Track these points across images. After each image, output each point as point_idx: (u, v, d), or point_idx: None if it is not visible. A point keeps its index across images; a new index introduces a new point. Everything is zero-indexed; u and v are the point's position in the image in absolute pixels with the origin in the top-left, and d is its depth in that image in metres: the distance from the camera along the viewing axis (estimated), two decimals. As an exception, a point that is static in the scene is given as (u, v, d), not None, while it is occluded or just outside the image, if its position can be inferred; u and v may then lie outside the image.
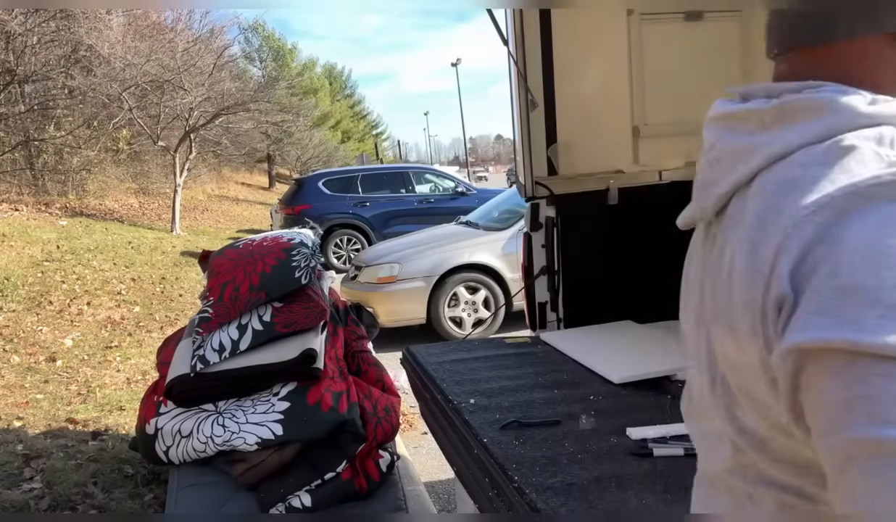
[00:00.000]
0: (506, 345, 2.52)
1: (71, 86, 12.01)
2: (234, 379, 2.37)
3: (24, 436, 3.44)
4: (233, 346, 2.37)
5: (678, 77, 3.03)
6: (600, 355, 2.21)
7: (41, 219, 10.33)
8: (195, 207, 16.25)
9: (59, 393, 4.26)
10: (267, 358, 2.37)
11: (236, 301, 2.41)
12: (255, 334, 2.38)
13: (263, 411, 2.33)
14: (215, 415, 2.36)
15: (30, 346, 5.17)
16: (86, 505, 2.71)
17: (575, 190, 2.76)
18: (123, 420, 3.74)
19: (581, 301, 2.75)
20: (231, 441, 2.30)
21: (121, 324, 6.01)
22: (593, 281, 2.77)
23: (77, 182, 12.60)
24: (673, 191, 2.82)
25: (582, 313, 2.73)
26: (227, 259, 2.55)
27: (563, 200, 2.72)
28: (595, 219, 2.75)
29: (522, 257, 2.81)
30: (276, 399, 2.36)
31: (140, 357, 5.09)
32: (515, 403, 1.90)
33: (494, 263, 5.93)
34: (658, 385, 2.00)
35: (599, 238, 2.77)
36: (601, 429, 1.68)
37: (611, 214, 2.77)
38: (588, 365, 2.17)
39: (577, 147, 2.91)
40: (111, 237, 10.09)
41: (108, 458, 3.14)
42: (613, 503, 1.32)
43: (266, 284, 2.41)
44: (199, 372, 2.34)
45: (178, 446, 2.36)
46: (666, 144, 3.03)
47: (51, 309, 6.15)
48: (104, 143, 12.76)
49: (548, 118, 2.87)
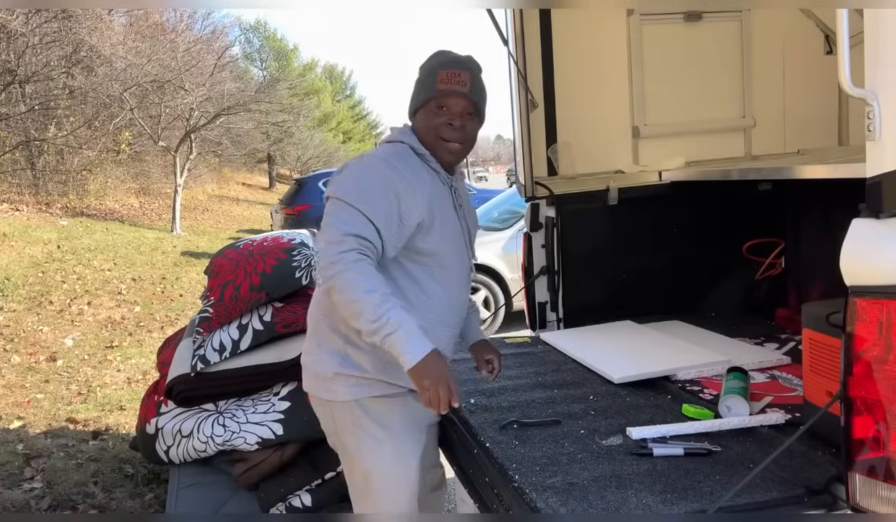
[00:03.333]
0: (506, 345, 2.52)
1: (72, 86, 12.01)
2: (234, 378, 2.37)
3: (25, 436, 3.45)
4: (233, 346, 2.37)
5: (678, 78, 3.03)
6: (600, 355, 2.21)
7: (42, 219, 10.33)
8: (195, 207, 16.24)
9: (60, 392, 4.26)
10: (267, 358, 2.37)
11: (237, 301, 2.41)
12: (256, 334, 2.38)
13: (264, 411, 2.33)
14: (216, 415, 2.36)
15: (30, 346, 5.18)
16: (86, 505, 2.71)
17: (575, 190, 2.76)
18: (124, 419, 3.74)
19: (581, 301, 2.75)
20: (231, 441, 2.30)
21: (121, 324, 6.01)
22: (593, 281, 2.77)
23: (77, 182, 12.59)
24: (672, 191, 2.82)
25: (582, 313, 2.73)
26: (227, 259, 2.55)
27: (563, 200, 2.72)
28: (595, 219, 2.76)
29: (522, 257, 2.81)
30: (277, 398, 2.36)
31: (140, 357, 5.10)
32: (515, 403, 1.90)
33: (494, 263, 5.93)
34: (658, 385, 2.00)
35: (599, 238, 2.77)
36: (601, 429, 1.68)
37: (611, 214, 2.77)
38: (588, 365, 2.17)
39: (577, 147, 2.91)
40: (112, 237, 10.09)
41: (108, 458, 3.15)
42: (613, 502, 1.32)
43: (267, 284, 2.41)
44: (200, 372, 2.34)
45: (179, 446, 2.37)
46: (666, 144, 3.03)
47: (51, 309, 6.15)
48: (105, 144, 12.75)
49: (548, 118, 2.87)
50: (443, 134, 1.61)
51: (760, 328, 2.59)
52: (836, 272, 1.20)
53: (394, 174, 1.54)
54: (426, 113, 1.62)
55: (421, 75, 1.65)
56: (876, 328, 1.15)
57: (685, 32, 3.03)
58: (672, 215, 2.85)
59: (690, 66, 3.04)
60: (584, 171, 2.90)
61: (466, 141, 1.65)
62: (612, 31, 2.96)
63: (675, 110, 3.04)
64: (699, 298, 2.89)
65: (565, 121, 2.89)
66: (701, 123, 3.08)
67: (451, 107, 1.60)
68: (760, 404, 1.78)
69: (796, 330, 2.49)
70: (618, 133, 3.00)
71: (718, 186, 2.76)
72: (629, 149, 3.01)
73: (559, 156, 2.90)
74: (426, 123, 1.62)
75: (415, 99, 1.66)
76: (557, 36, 2.85)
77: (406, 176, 1.55)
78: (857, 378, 1.20)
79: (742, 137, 3.16)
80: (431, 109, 1.61)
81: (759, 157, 3.12)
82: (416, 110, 1.65)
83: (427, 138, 1.63)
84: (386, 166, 1.56)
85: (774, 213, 2.85)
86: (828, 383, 1.52)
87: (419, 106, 1.64)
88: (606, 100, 2.97)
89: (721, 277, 2.89)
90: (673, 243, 2.85)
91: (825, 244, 2.57)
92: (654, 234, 2.85)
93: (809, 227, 2.67)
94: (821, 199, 2.58)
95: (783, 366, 2.09)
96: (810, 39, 3.15)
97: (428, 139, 1.62)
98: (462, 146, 1.64)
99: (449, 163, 1.66)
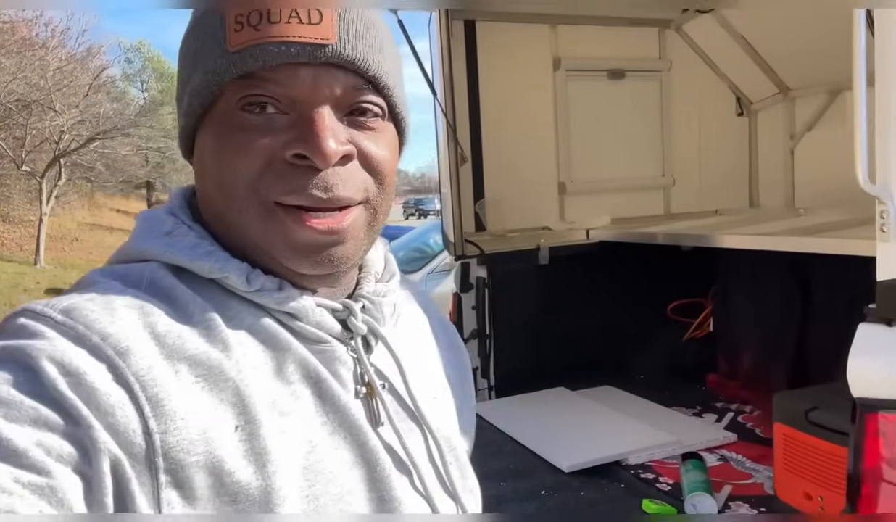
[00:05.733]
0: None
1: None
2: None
3: None
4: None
5: (602, 135, 2.99)
6: (544, 436, 2.05)
7: None
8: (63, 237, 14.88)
9: None
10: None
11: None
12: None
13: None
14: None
15: None
16: None
17: (506, 249, 2.62)
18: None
19: (513, 366, 2.59)
20: None
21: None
22: (525, 345, 2.63)
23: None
24: (600, 250, 2.74)
25: (514, 380, 2.57)
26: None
27: (495, 260, 2.57)
28: (527, 279, 2.62)
29: (451, 319, 2.63)
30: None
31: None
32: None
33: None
34: (609, 472, 1.86)
35: (531, 299, 2.64)
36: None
37: (542, 274, 2.65)
38: (533, 449, 2.00)
39: (505, 203, 2.78)
40: (-38, 272, 8.97)
41: None
42: None
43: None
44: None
45: None
46: (591, 201, 2.97)
47: None
48: (-43, 166, 11.45)
49: (475, 173, 2.73)
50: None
51: (693, 395, 2.53)
52: (765, 335, 1.10)
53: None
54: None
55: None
56: (893, 444, 1.05)
57: (609, 89, 3.00)
58: (600, 275, 2.78)
59: (614, 124, 3.02)
60: (512, 227, 2.77)
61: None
62: (538, 86, 2.88)
63: (599, 167, 3.00)
64: (628, 361, 2.82)
65: (493, 176, 2.76)
66: (624, 181, 3.05)
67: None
68: (722, 496, 1.68)
69: (729, 398, 2.47)
70: (545, 189, 2.90)
71: (643, 246, 2.71)
72: (556, 206, 2.92)
73: (486, 212, 2.76)
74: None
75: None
76: (484, 88, 2.74)
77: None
78: (867, 497, 1.09)
79: (662, 195, 3.16)
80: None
81: (678, 216, 3.13)
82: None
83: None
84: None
85: (698, 273, 2.84)
86: (805, 483, 1.43)
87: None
88: (534, 155, 2.88)
89: (649, 339, 2.84)
90: (601, 304, 2.77)
91: (752, 306, 2.58)
92: (583, 295, 2.76)
93: (737, 289, 2.67)
94: (746, 261, 2.59)
95: (730, 445, 2.02)
96: (724, 101, 3.22)
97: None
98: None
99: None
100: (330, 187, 0.53)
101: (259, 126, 0.53)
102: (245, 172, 0.53)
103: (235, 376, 0.51)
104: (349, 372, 0.58)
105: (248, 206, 0.53)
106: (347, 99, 0.54)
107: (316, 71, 0.52)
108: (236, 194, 0.53)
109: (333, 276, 0.59)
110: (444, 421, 0.66)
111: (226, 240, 0.56)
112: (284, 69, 0.52)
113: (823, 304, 2.28)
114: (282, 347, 0.55)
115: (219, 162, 0.54)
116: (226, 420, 0.49)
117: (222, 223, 0.56)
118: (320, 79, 0.53)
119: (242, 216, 0.54)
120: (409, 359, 0.63)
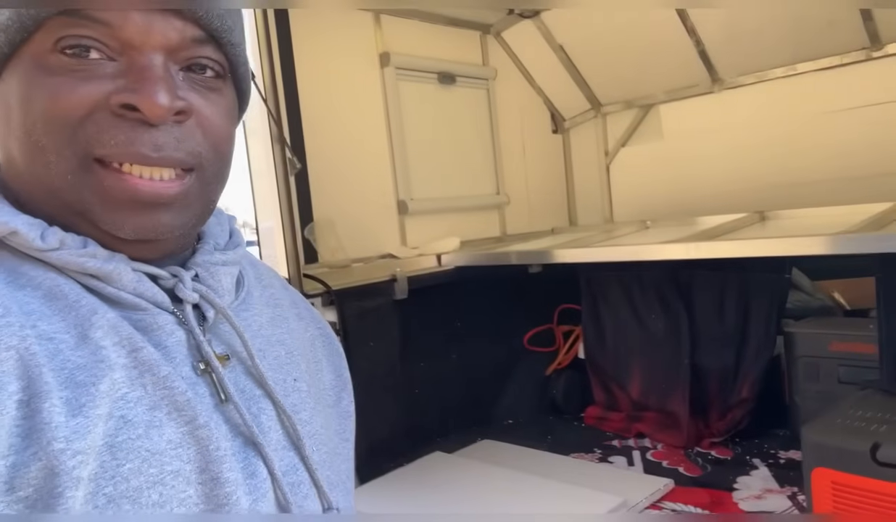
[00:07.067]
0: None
1: None
2: None
3: None
4: None
5: (439, 145, 2.60)
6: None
7: None
8: None
9: None
10: None
11: None
12: None
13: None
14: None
15: None
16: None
17: (356, 282, 2.05)
18: None
19: (377, 434, 2.00)
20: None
21: None
22: (387, 403, 2.06)
23: None
24: (459, 278, 2.31)
25: (379, 451, 1.98)
26: None
27: (344, 297, 1.98)
28: (384, 320, 2.07)
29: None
30: None
31: None
32: None
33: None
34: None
35: (389, 343, 2.09)
36: None
37: (400, 311, 2.12)
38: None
39: (339, 226, 2.21)
40: None
41: None
42: None
43: None
44: None
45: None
46: (434, 222, 2.54)
47: None
48: None
49: (300, 189, 2.13)
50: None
51: (579, 435, 2.20)
52: (649, 355, 0.81)
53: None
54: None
55: None
56: None
57: (440, 95, 2.62)
58: (459, 308, 2.35)
59: (451, 134, 2.64)
60: (353, 256, 2.21)
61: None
62: (366, 83, 2.38)
63: (440, 183, 2.59)
64: (495, 405, 2.41)
65: (321, 194, 2.18)
66: (464, 199, 2.68)
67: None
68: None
69: (618, 432, 2.18)
70: (383, 208, 2.40)
71: (496, 271, 2.36)
72: (397, 228, 2.43)
73: (317, 237, 2.16)
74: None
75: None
76: (303, 82, 2.16)
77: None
78: None
79: (497, 215, 2.86)
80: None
81: (512, 237, 2.85)
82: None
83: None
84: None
85: (547, 296, 2.58)
86: (869, 538, 1.12)
87: None
88: (367, 166, 2.36)
89: (512, 377, 2.47)
90: (462, 342, 2.34)
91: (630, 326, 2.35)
92: (444, 333, 2.30)
93: (609, 309, 2.41)
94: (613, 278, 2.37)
95: (670, 495, 1.69)
96: (542, 116, 3.06)
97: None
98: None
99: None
100: (161, 146, 0.48)
101: (80, 71, 0.47)
102: (60, 121, 0.47)
103: (18, 344, 0.43)
104: (180, 345, 0.53)
105: (61, 160, 0.47)
106: (185, 51, 0.50)
107: (150, 15, 0.47)
108: (46, 146, 0.47)
109: (161, 243, 0.53)
110: (304, 405, 0.60)
111: (31, 207, 0.50)
112: (114, 10, 0.46)
113: (709, 314, 2.13)
114: (85, 314, 0.48)
115: (26, 109, 0.47)
116: (1, 398, 0.42)
117: (26, 183, 0.50)
118: (155, 23, 0.48)
119: (51, 170, 0.48)
120: (262, 337, 0.60)
